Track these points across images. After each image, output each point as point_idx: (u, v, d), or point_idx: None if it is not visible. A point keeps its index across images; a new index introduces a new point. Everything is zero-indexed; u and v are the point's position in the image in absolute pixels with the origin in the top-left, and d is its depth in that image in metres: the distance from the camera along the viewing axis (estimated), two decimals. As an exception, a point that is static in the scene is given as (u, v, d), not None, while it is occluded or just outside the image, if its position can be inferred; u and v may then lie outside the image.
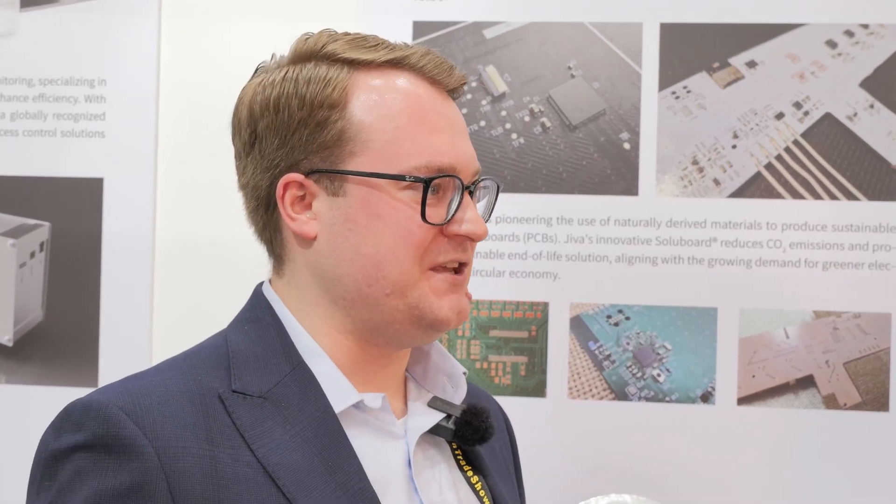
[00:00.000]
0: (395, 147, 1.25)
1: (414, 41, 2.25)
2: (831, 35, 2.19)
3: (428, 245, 1.26)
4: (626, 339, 2.20)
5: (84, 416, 1.16)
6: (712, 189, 2.20)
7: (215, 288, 2.27)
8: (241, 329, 1.29)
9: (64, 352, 2.30)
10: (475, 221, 1.27)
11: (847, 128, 2.18)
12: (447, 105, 1.30)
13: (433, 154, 1.25)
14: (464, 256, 1.28)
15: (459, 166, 1.26)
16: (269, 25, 2.28)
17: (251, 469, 1.17)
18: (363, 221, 1.25)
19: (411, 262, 1.25)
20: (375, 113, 1.26)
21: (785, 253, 2.18)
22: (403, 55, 1.28)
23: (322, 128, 1.26)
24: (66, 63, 2.32)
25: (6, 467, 2.29)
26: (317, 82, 1.26)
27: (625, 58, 2.22)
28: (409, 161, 1.25)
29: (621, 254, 2.21)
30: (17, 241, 2.32)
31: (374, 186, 1.25)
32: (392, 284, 1.25)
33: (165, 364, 1.27)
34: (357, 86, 1.27)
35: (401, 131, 1.25)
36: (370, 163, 1.25)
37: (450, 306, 1.27)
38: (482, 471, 1.36)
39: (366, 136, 1.25)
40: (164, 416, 1.17)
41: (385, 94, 1.26)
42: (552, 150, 2.24)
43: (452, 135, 1.28)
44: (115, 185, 2.30)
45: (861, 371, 2.16)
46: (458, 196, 1.26)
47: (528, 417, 2.18)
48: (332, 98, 1.26)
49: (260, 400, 1.22)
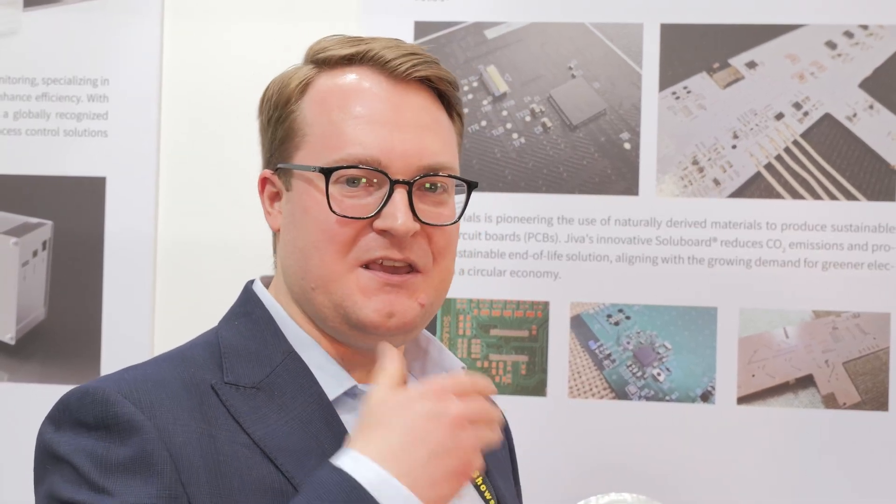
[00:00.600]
0: (325, 140, 1.25)
1: (415, 41, 2.25)
2: (831, 36, 2.19)
3: (352, 240, 1.24)
4: (626, 338, 2.21)
5: (81, 401, 1.18)
6: (712, 189, 2.20)
7: (216, 287, 2.27)
8: (231, 325, 1.30)
9: (66, 350, 2.31)
10: (393, 216, 1.22)
11: (846, 128, 2.19)
12: (403, 99, 1.27)
13: (354, 146, 1.24)
14: (393, 253, 1.24)
15: (388, 160, 1.23)
16: (270, 25, 2.29)
17: (248, 450, 1.19)
18: (298, 215, 1.27)
19: (332, 256, 1.24)
20: (316, 108, 1.27)
21: (784, 253, 2.18)
22: (361, 50, 1.28)
23: (281, 123, 1.29)
24: (69, 62, 2.33)
25: (7, 465, 2.30)
26: (283, 81, 1.31)
27: (625, 58, 2.23)
28: (332, 154, 1.24)
29: (621, 253, 2.22)
30: (19, 239, 2.33)
31: (306, 180, 1.26)
32: (316, 278, 1.25)
33: (159, 357, 1.29)
34: (315, 83, 1.29)
35: (333, 125, 1.26)
36: (306, 157, 1.26)
37: (375, 308, 1.24)
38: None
39: (306, 131, 1.27)
40: (160, 399, 1.18)
41: (331, 90, 1.28)
42: (553, 150, 2.24)
43: (392, 128, 1.25)
44: (118, 184, 2.31)
45: (860, 371, 2.16)
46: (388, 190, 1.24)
47: (529, 416, 2.18)
48: (286, 94, 1.29)
49: (253, 390, 1.23)
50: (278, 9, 2.30)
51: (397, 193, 1.23)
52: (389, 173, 1.23)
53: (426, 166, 1.26)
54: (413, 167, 1.25)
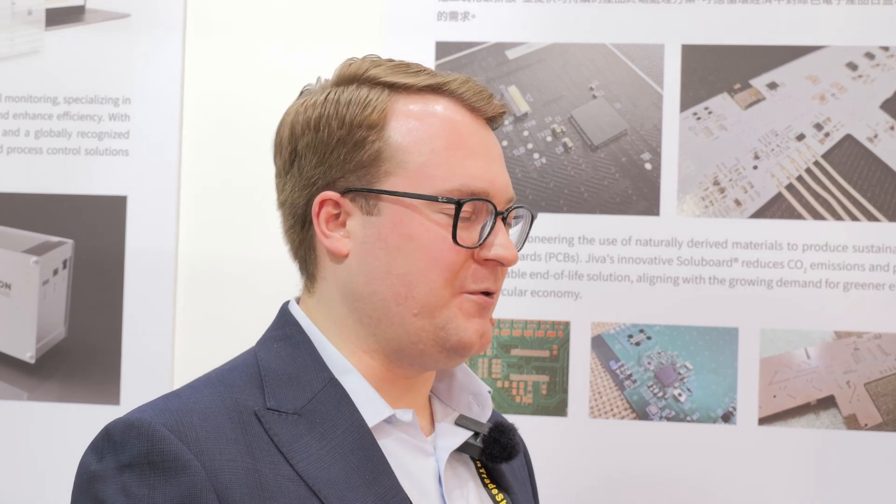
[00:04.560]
0: (430, 169, 1.26)
1: (437, 62, 2.26)
2: (852, 57, 2.20)
3: (459, 269, 1.26)
4: (647, 358, 2.21)
5: (126, 434, 1.16)
6: (733, 209, 2.21)
7: (238, 305, 2.28)
8: (270, 347, 1.30)
9: (86, 369, 2.31)
10: (506, 246, 1.28)
11: (867, 149, 2.19)
12: (485, 132, 1.31)
13: (467, 178, 1.26)
14: (493, 286, 1.29)
15: (493, 192, 1.28)
16: (293, 46, 2.29)
17: (292, 483, 1.18)
18: (395, 241, 1.26)
19: (442, 284, 1.26)
20: (412, 135, 1.27)
21: (806, 273, 2.19)
22: (443, 81, 1.30)
23: (360, 147, 1.27)
24: (91, 81, 2.34)
25: (29, 484, 2.30)
26: (357, 104, 1.29)
27: (646, 79, 2.23)
28: (443, 183, 1.26)
29: (642, 273, 2.22)
30: (40, 258, 2.33)
31: (408, 206, 1.26)
32: (420, 305, 1.26)
33: (198, 382, 1.27)
34: (396, 109, 1.28)
35: (436, 154, 1.27)
36: (405, 183, 1.26)
37: (475, 329, 1.28)
38: (506, 488, 1.36)
39: (402, 158, 1.27)
40: (206, 432, 1.17)
41: (422, 118, 1.28)
42: (574, 170, 2.25)
43: (488, 161, 1.29)
44: (139, 203, 2.31)
45: (882, 391, 2.16)
46: (491, 221, 1.28)
47: (550, 436, 2.18)
48: (370, 119, 1.28)
49: (295, 417, 1.23)
50: (301, 29, 2.30)
51: (500, 224, 1.28)
52: (496, 205, 1.28)
53: (510, 198, 1.31)
54: (505, 199, 1.30)
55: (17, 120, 2.35)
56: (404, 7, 2.27)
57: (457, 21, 2.28)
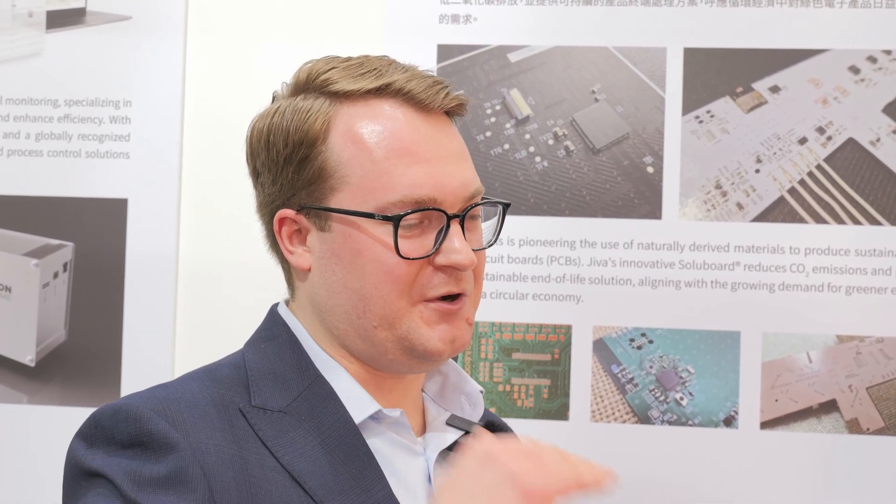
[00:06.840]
0: (371, 182, 1.24)
1: (438, 64, 2.26)
2: (854, 61, 2.20)
3: (414, 278, 1.25)
4: (648, 362, 2.20)
5: (114, 419, 1.18)
6: (735, 213, 2.20)
7: (238, 308, 2.28)
8: (257, 348, 1.31)
9: (86, 372, 2.30)
10: (459, 251, 1.24)
11: (870, 153, 2.19)
12: (436, 130, 1.28)
13: (408, 188, 1.24)
14: (455, 288, 1.26)
15: (441, 196, 1.24)
16: (294, 48, 2.29)
17: (278, 474, 1.19)
18: (347, 256, 1.26)
19: (396, 295, 1.25)
20: (352, 147, 1.25)
21: (808, 277, 2.18)
22: (387, 82, 1.27)
23: (304, 164, 1.27)
24: (92, 84, 2.33)
25: (29, 487, 2.29)
26: (300, 117, 1.27)
27: (648, 82, 2.23)
28: (384, 196, 1.24)
29: (644, 277, 2.21)
30: (40, 261, 2.32)
31: (351, 224, 1.25)
32: (379, 317, 1.25)
33: (186, 376, 1.29)
34: (338, 119, 1.27)
35: (377, 165, 1.24)
36: (348, 199, 1.25)
37: (440, 336, 1.26)
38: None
39: (343, 172, 1.25)
40: (193, 419, 1.18)
41: (363, 127, 1.26)
42: (576, 174, 2.24)
43: (436, 164, 1.25)
44: (140, 205, 2.31)
45: (884, 396, 2.16)
46: (444, 226, 1.25)
47: (551, 440, 2.17)
48: (311, 134, 1.26)
49: (280, 414, 1.23)
50: (302, 34, 2.30)
51: (453, 228, 1.25)
52: (445, 210, 1.25)
53: (469, 196, 1.27)
54: (460, 199, 1.26)
55: (17, 122, 2.35)
56: (406, 10, 2.27)
57: (458, 24, 2.27)
